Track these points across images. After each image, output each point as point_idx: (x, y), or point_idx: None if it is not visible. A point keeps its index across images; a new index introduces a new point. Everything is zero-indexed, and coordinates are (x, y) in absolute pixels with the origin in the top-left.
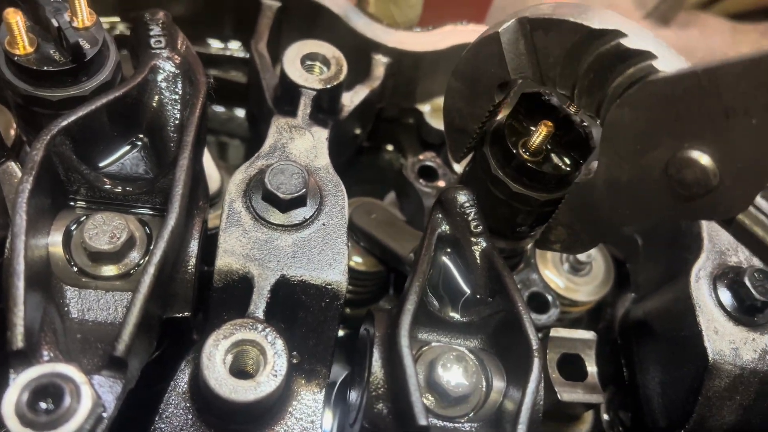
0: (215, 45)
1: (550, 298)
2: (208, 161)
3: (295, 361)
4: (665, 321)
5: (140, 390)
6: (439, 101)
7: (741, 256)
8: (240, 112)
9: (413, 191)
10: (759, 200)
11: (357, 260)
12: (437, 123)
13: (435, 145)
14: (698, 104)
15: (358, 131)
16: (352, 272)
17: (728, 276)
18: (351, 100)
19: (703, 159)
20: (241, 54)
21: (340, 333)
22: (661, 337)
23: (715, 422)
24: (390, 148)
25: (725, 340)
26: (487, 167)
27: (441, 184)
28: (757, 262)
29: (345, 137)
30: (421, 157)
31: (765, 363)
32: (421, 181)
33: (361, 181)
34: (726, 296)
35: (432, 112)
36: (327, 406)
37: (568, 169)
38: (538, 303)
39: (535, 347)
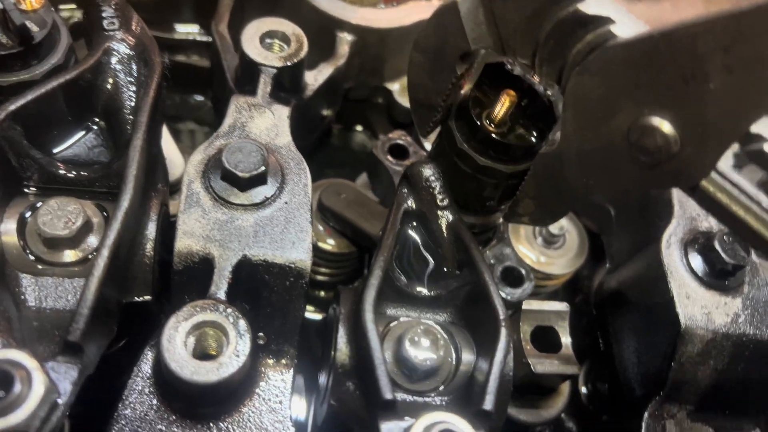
0: (180, 29)
1: (524, 271)
2: (171, 146)
3: (261, 342)
4: (638, 289)
5: (110, 379)
6: None
7: (711, 221)
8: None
9: (384, 170)
10: (722, 167)
11: (330, 242)
12: (407, 101)
13: (406, 124)
14: (656, 69)
15: (326, 112)
16: (325, 255)
17: (699, 241)
18: (315, 78)
19: (664, 125)
20: (206, 38)
21: (317, 317)
22: (634, 305)
23: (689, 387)
24: (360, 128)
25: (697, 305)
26: (452, 141)
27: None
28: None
29: (312, 118)
30: (391, 135)
31: (737, 327)
32: (391, 159)
33: (334, 165)
34: (697, 261)
35: (401, 90)
36: (302, 394)
37: (533, 139)
38: (513, 277)
39: (501, 317)
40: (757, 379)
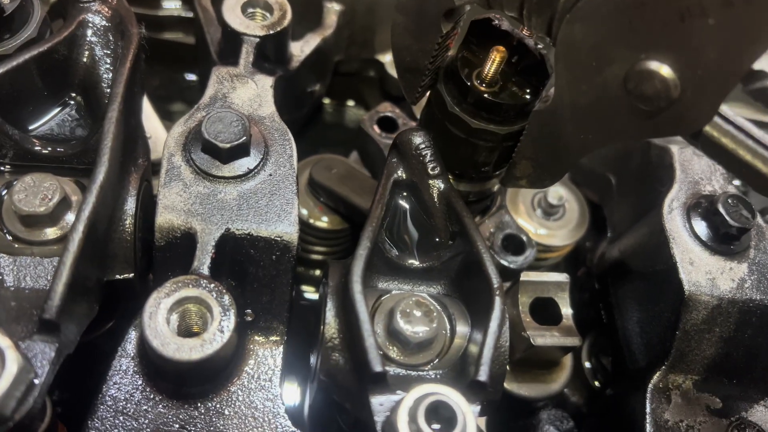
0: (164, 5)
1: (525, 238)
2: (155, 122)
3: (249, 318)
4: (640, 257)
5: (101, 361)
6: None
7: (716, 184)
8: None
9: (374, 145)
10: (724, 109)
11: (323, 219)
12: None
13: (400, 97)
14: (651, 8)
15: (315, 86)
16: (319, 232)
17: (702, 205)
18: (301, 49)
19: (663, 69)
20: (191, 14)
21: (313, 297)
22: (637, 274)
23: (694, 356)
24: (352, 103)
25: (701, 271)
26: (442, 106)
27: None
28: (731, 189)
29: (300, 91)
30: (379, 108)
31: (743, 292)
32: (380, 132)
33: (327, 143)
34: (701, 226)
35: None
36: (296, 376)
37: (527, 97)
38: (514, 245)
39: (495, 286)
40: (765, 347)
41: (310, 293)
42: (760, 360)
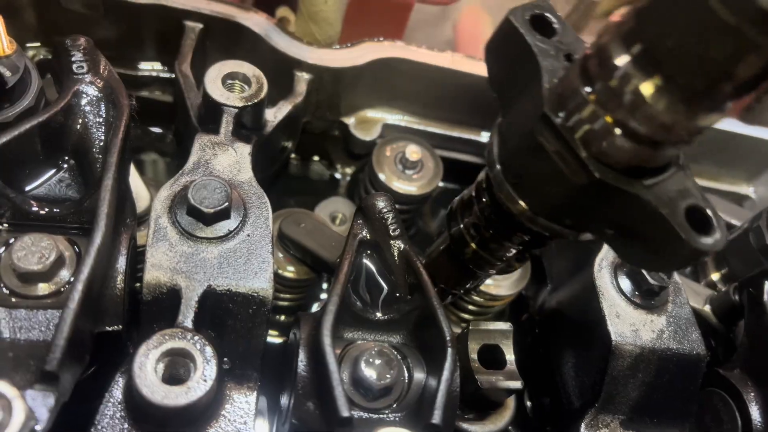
0: (143, 66)
1: (711, 213)
2: (136, 180)
3: (226, 366)
4: (574, 308)
5: (79, 406)
6: (363, 114)
7: None
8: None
9: (526, 51)
10: None
11: (290, 269)
12: (362, 134)
13: (362, 155)
14: None
15: (286, 144)
16: (285, 281)
17: (627, 264)
18: (275, 115)
19: None
20: (168, 74)
21: (278, 341)
22: (571, 324)
23: (621, 399)
24: (317, 158)
25: (626, 323)
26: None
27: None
28: None
29: (273, 151)
30: (528, 5)
31: (662, 341)
32: (536, 35)
33: (293, 193)
34: (626, 283)
35: (357, 124)
36: (265, 415)
37: None
38: (698, 220)
39: (448, 338)
40: (680, 389)
41: (273, 337)
42: (677, 401)
